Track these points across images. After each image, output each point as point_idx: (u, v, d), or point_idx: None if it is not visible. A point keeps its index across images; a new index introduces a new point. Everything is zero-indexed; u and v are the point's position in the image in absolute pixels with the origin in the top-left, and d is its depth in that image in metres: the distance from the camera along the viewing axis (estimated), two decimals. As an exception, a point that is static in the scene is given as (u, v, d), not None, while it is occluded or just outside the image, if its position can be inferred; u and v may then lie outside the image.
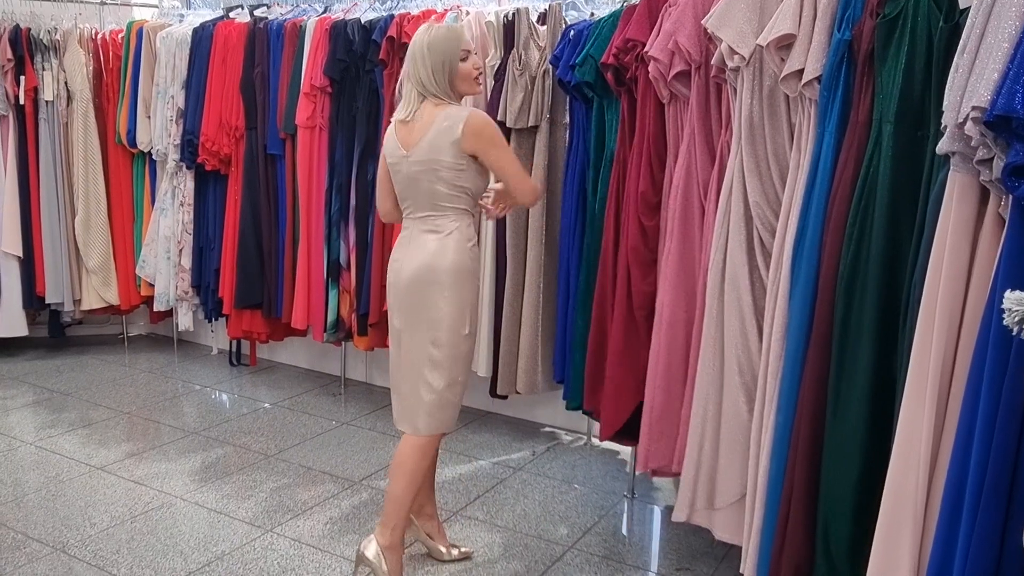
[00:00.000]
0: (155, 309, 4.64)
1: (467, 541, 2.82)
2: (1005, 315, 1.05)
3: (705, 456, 2.37)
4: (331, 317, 3.94)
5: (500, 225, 3.47)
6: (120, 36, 4.59)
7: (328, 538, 2.84)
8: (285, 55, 3.99)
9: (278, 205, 4.11)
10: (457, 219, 2.39)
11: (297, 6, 4.25)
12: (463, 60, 2.37)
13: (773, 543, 2.03)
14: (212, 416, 3.98)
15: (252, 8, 4.24)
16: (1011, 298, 1.05)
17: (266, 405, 4.13)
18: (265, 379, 4.53)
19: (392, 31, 3.58)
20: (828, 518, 1.89)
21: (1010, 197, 1.43)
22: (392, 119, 2.48)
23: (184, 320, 4.56)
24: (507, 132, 3.37)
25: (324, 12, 4.04)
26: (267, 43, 4.04)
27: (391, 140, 2.45)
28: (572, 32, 3.10)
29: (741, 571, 2.27)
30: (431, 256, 2.36)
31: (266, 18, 4.13)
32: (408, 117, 2.38)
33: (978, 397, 1.47)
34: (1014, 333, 1.06)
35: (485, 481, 3.32)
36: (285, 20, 4.05)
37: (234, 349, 4.69)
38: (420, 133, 2.36)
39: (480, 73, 2.45)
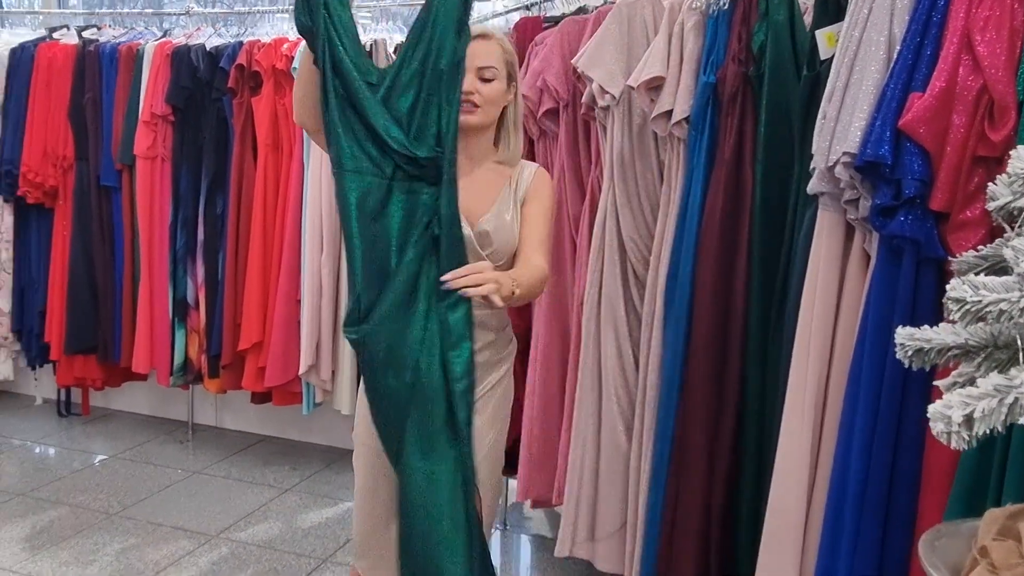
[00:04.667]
0: (-33, 358, 4.17)
1: (341, 590, 2.71)
2: (898, 349, 1.13)
3: (585, 487, 2.40)
4: (178, 359, 3.69)
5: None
6: (-80, 55, 4.12)
7: (188, 601, 2.64)
8: (120, 81, 3.73)
9: (114, 240, 3.81)
10: None
11: (132, 28, 3.99)
12: None
13: (657, 570, 2.07)
14: (40, 474, 3.60)
15: (80, 30, 3.94)
16: (902, 334, 1.13)
17: (104, 457, 3.80)
18: (101, 429, 4.16)
19: (242, 59, 3.43)
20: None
21: (875, 234, 1.56)
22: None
23: (3, 369, 4.12)
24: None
25: (163, 36, 3.82)
26: (99, 67, 3.76)
27: None
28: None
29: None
30: None
31: (97, 40, 3.86)
32: None
33: (855, 416, 1.58)
34: (906, 365, 1.13)
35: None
36: (119, 43, 3.79)
37: (63, 398, 4.27)
38: None
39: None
